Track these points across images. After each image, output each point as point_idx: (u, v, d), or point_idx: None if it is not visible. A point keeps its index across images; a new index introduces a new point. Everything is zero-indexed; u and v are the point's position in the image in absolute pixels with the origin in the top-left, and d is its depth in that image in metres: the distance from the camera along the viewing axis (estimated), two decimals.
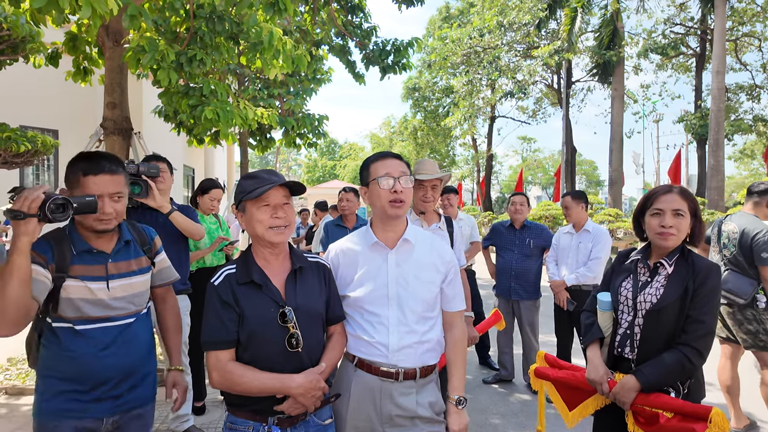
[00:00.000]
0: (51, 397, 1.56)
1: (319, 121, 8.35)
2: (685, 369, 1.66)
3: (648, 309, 1.73)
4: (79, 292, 1.56)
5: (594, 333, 1.87)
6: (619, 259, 1.97)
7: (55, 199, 1.33)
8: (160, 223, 2.86)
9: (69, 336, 1.56)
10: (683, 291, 1.69)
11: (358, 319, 1.64)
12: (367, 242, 1.66)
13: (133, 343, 1.66)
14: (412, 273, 1.62)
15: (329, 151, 43.91)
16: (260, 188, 1.46)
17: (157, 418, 3.35)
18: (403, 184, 1.61)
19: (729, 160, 31.94)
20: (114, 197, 1.59)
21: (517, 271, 4.07)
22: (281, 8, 3.99)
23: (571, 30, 16.15)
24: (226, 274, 1.50)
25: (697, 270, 1.70)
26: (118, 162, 1.64)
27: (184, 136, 6.38)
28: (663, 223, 1.73)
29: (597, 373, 1.79)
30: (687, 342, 1.66)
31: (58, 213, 1.34)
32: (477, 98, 20.57)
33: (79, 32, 4.57)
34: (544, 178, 49.09)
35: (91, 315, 1.57)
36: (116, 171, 1.61)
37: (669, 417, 1.64)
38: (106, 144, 4.41)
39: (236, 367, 1.43)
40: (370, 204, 1.67)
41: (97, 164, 1.57)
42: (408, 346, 1.59)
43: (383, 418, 1.58)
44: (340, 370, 1.72)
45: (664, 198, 1.75)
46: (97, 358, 1.57)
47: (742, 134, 19.62)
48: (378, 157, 1.68)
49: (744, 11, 17.25)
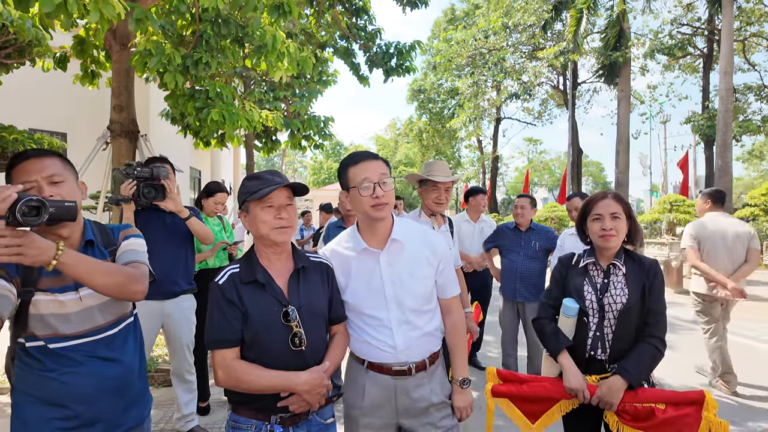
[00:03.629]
0: (31, 427, 1.40)
1: (324, 123, 8.38)
2: (656, 359, 1.81)
3: (620, 310, 1.83)
4: (49, 307, 1.40)
5: (562, 341, 1.89)
6: (566, 264, 2.01)
7: (28, 200, 1.17)
8: (167, 225, 2.89)
9: (44, 356, 1.40)
10: (642, 288, 1.84)
11: (360, 324, 1.65)
12: (357, 248, 1.66)
13: (122, 358, 1.52)
14: (405, 271, 1.63)
15: (335, 153, 44.03)
16: (264, 189, 1.47)
17: (162, 418, 3.37)
18: (384, 188, 1.57)
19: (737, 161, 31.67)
20: (51, 179, 1.41)
21: (523, 273, 4.05)
22: (286, 11, 4.03)
23: (577, 31, 16.09)
24: (230, 273, 1.51)
25: (646, 267, 1.87)
26: (51, 150, 1.50)
27: (191, 139, 6.42)
28: (603, 226, 1.88)
29: (577, 380, 1.82)
30: (653, 334, 1.82)
31: (31, 216, 1.16)
32: (482, 100, 20.56)
33: (87, 36, 4.63)
34: (550, 179, 48.92)
35: (65, 332, 1.41)
36: (47, 154, 1.46)
37: (663, 409, 1.69)
38: (113, 146, 4.46)
39: (241, 365, 1.44)
40: (353, 208, 1.65)
41: (24, 154, 1.45)
42: (414, 341, 1.62)
43: (399, 411, 1.64)
44: (351, 372, 1.73)
45: (602, 203, 1.91)
46: (82, 377, 1.42)
47: (750, 135, 19.44)
48: (355, 160, 1.62)
49: (752, 11, 17.11)
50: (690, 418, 1.65)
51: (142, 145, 4.76)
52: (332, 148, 41.95)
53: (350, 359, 1.75)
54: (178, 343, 3.04)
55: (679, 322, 6.63)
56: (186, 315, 3.06)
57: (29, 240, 1.18)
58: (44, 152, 1.46)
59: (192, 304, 3.12)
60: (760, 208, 9.91)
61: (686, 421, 1.65)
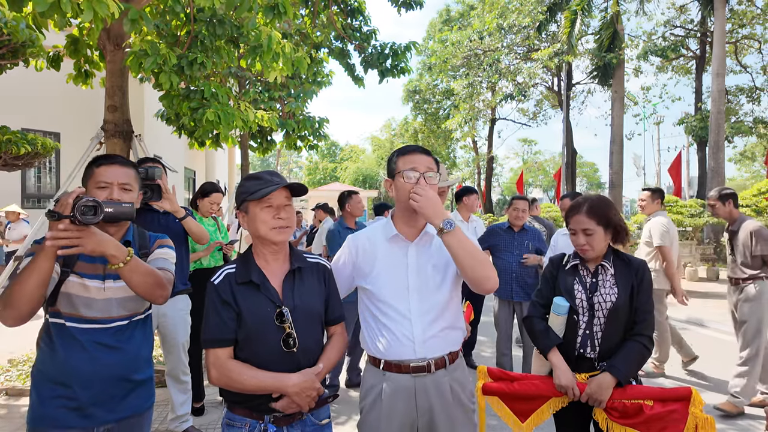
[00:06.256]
0: (41, 403, 1.54)
1: (319, 124, 8.38)
2: (644, 356, 1.84)
3: (609, 309, 1.86)
4: (76, 288, 1.56)
5: (553, 339, 1.91)
6: (557, 264, 2.05)
7: (86, 201, 1.36)
8: (162, 225, 2.89)
9: (59, 334, 1.55)
10: (630, 288, 1.87)
11: (378, 315, 1.65)
12: (387, 235, 1.68)
13: (127, 348, 1.62)
14: (430, 263, 1.65)
15: (330, 153, 43.94)
16: (264, 189, 1.48)
17: (156, 418, 3.37)
18: (428, 180, 1.61)
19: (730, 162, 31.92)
20: (123, 187, 1.66)
21: (518, 273, 4.08)
22: (281, 11, 4.04)
23: (571, 32, 16.15)
24: (226, 273, 1.53)
25: (634, 267, 1.90)
26: (131, 161, 1.77)
27: (185, 139, 6.41)
28: (576, 242, 1.92)
29: (567, 377, 1.84)
30: (641, 332, 1.85)
31: (89, 215, 1.36)
32: (477, 101, 20.61)
33: (81, 36, 4.61)
34: (545, 180, 49.06)
35: (83, 314, 1.56)
36: (128, 165, 1.72)
37: (651, 405, 1.71)
38: (107, 147, 4.44)
39: (234, 365, 1.46)
40: (394, 196, 1.68)
41: (111, 158, 1.70)
42: (434, 335, 1.61)
43: (420, 411, 1.61)
44: (367, 379, 1.70)
45: (575, 219, 1.92)
46: (83, 361, 1.53)
47: (742, 136, 19.59)
48: (406, 151, 1.67)
49: (744, 13, 17.25)
50: (677, 414, 1.67)
51: (137, 145, 4.74)
52: (327, 148, 41.87)
53: (366, 365, 1.73)
54: (173, 343, 3.04)
55: (672, 322, 6.68)
56: (181, 315, 3.06)
57: (89, 234, 1.39)
58: (126, 162, 1.73)
59: (187, 304, 3.12)
60: (752, 208, 10.00)
61: (673, 417, 1.67)
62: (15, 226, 8.01)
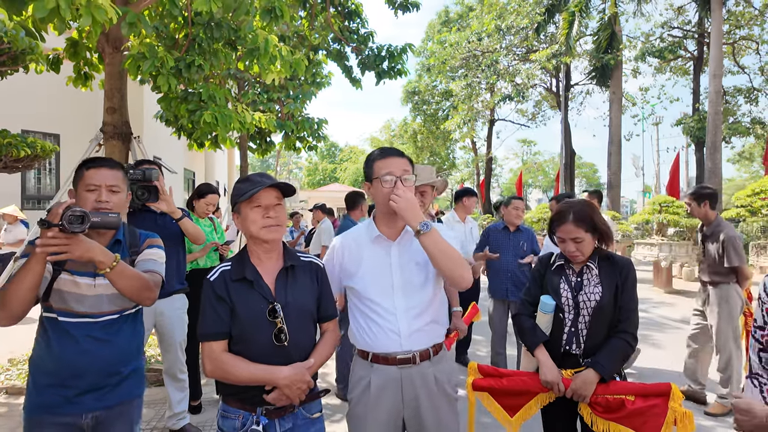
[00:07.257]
0: (36, 393, 1.64)
1: (318, 125, 8.42)
2: (627, 353, 1.90)
3: (594, 307, 1.91)
4: (68, 285, 1.65)
5: (540, 336, 1.97)
6: (544, 263, 2.11)
7: (73, 211, 1.44)
8: (159, 226, 2.93)
9: (53, 328, 1.65)
10: (615, 286, 1.92)
11: (366, 311, 1.72)
12: (371, 236, 1.75)
13: (116, 340, 1.70)
14: (413, 261, 1.71)
15: (330, 154, 44.01)
16: (251, 190, 1.55)
17: (153, 416, 3.41)
18: (405, 183, 1.67)
19: (728, 163, 32.02)
20: (111, 189, 1.73)
21: (513, 272, 4.13)
22: (278, 14, 4.09)
23: (569, 34, 16.21)
24: (222, 270, 1.59)
25: (619, 266, 1.96)
26: (118, 163, 1.83)
27: (185, 140, 6.44)
28: (567, 249, 1.97)
29: (553, 373, 1.89)
30: (625, 329, 1.90)
31: (76, 224, 1.44)
32: (476, 101, 20.65)
33: (80, 38, 4.65)
34: (544, 181, 49.12)
35: (75, 309, 1.65)
36: (115, 167, 1.79)
37: (632, 400, 1.76)
38: (106, 148, 4.48)
39: (228, 358, 1.52)
40: (374, 200, 1.75)
41: (99, 161, 1.77)
42: (418, 329, 1.69)
43: (406, 401, 1.69)
44: (356, 370, 1.78)
45: (563, 229, 1.97)
46: (75, 353, 1.63)
47: (740, 137, 19.65)
48: (381, 155, 1.73)
49: (741, 14, 17.30)
50: (658, 408, 1.73)
51: (135, 147, 4.78)
52: (327, 149, 41.97)
53: (355, 358, 1.80)
54: (171, 342, 3.08)
55: (668, 321, 6.73)
56: (178, 314, 3.11)
57: (77, 241, 1.48)
58: (114, 165, 1.80)
59: (184, 303, 3.17)
60: (747, 209, 10.06)
61: (654, 412, 1.73)
62: (12, 228, 7.96)
